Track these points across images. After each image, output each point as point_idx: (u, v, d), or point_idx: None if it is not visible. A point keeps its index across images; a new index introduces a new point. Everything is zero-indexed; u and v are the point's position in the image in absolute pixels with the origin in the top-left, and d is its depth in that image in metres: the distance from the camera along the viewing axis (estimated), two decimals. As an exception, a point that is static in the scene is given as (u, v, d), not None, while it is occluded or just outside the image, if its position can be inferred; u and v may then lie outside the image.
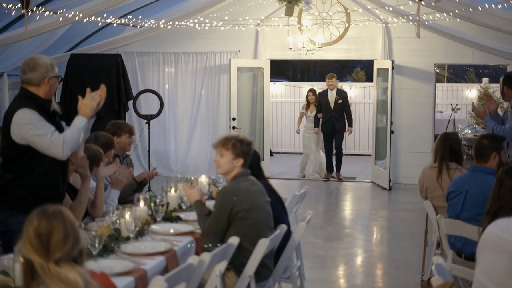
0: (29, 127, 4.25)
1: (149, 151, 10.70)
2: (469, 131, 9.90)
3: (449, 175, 5.45)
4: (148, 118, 10.46)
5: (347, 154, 16.30)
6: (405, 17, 10.35)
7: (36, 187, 4.36)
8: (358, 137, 16.49)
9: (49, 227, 2.40)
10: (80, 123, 4.37)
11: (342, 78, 22.56)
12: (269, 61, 12.51)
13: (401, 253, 7.50)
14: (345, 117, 12.21)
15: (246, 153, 4.50)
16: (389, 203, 10.57)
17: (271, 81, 17.86)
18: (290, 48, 11.26)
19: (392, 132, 11.36)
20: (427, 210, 5.64)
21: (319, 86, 16.22)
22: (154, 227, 4.54)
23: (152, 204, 4.78)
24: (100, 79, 10.95)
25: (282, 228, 4.61)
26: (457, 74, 21.73)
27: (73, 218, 2.50)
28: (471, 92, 17.16)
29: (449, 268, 4.75)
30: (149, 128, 10.53)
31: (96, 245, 3.75)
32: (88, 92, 4.44)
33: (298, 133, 13.11)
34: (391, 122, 11.34)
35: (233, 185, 4.46)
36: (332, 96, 12.04)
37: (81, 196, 4.71)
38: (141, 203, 4.74)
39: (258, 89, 12.71)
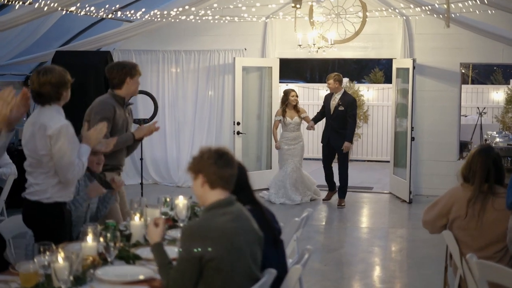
0: None
1: (141, 159, 9.64)
2: (501, 139, 8.73)
3: (493, 204, 4.33)
4: (141, 122, 9.42)
5: (363, 160, 15.35)
6: (428, 7, 9.18)
7: None
8: (376, 142, 15.49)
9: None
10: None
11: (360, 80, 21.46)
12: (278, 60, 11.44)
13: (422, 284, 6.39)
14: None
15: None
16: (409, 219, 9.43)
17: (284, 82, 17.07)
18: (299, 45, 10.14)
19: (413, 138, 10.23)
20: (447, 242, 4.51)
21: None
22: (99, 272, 3.48)
23: (108, 236, 3.72)
24: (88, 78, 10.14)
25: (270, 274, 3.47)
26: (483, 74, 20.47)
27: None
28: (497, 95, 15.97)
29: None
30: (141, 133, 9.43)
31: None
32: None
33: (277, 148, 10.35)
34: (412, 128, 10.21)
35: (203, 221, 3.34)
36: (334, 101, 10.05)
37: None
38: (89, 238, 3.68)
39: (266, 91, 11.62)
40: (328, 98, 10.20)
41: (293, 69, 28.54)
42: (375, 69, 17.70)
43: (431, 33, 10.62)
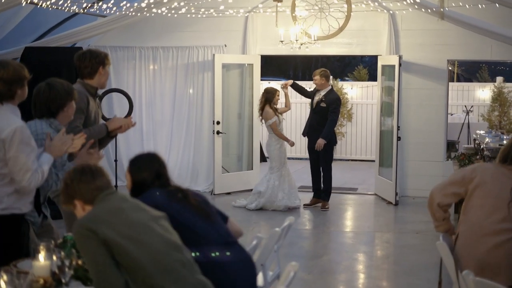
0: None
1: (116, 160, 9.18)
2: (491, 139, 8.37)
3: None
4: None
5: (347, 160, 15.00)
6: (415, 0, 8.81)
7: None
8: (360, 141, 15.16)
9: None
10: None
11: (343, 77, 21.10)
12: (259, 56, 11.03)
13: (412, 295, 6.02)
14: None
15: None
16: (396, 222, 9.06)
17: (266, 80, 16.66)
18: (281, 41, 9.73)
19: (399, 138, 9.86)
20: (442, 255, 4.13)
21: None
22: (49, 297, 3.04)
23: (62, 253, 3.30)
24: (60, 75, 9.65)
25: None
26: (469, 71, 20.17)
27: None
28: (483, 92, 15.66)
29: None
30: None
31: None
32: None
33: (292, 145, 9.74)
34: (398, 127, 9.84)
35: (89, 213, 3.20)
36: (318, 96, 9.56)
37: None
38: (41, 256, 3.25)
39: (247, 89, 11.20)
40: (314, 94, 9.79)
41: (276, 66, 28.13)
42: (359, 66, 17.31)
43: (418, 29, 10.27)
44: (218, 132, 10.48)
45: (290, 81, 9.91)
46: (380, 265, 7.06)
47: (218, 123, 10.48)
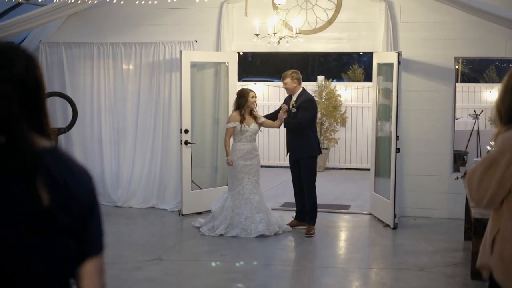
0: None
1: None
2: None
3: None
4: (55, 132, 7.42)
5: (340, 168, 13.57)
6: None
7: None
8: (356, 148, 13.73)
9: None
10: None
11: (339, 78, 19.59)
12: (236, 54, 9.52)
13: None
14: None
15: None
16: (394, 253, 7.53)
17: (252, 81, 15.17)
18: (257, 35, 8.19)
19: (398, 150, 8.35)
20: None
21: (314, 87, 13.50)
22: None
23: None
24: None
25: None
26: (476, 70, 18.62)
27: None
28: (491, 94, 14.15)
29: None
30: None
31: None
32: None
33: (230, 164, 8.01)
34: (397, 137, 8.32)
35: None
36: (291, 104, 8.20)
37: None
38: None
39: (221, 92, 9.68)
40: (287, 101, 8.29)
41: (272, 66, 26.48)
42: (354, 66, 15.76)
43: (420, 21, 8.79)
44: (186, 142, 8.97)
45: (285, 107, 8.27)
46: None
47: (186, 131, 8.98)
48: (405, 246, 7.60)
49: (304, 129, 8.01)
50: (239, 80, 16.14)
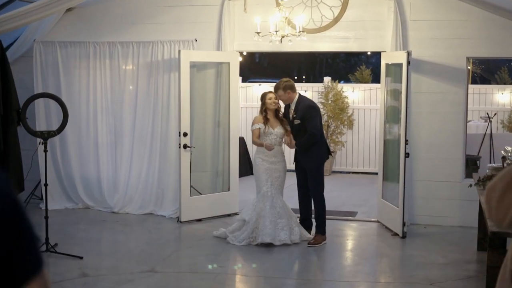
0: None
1: (46, 185, 7.21)
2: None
3: None
4: (45, 136, 7.01)
5: (347, 172, 13.20)
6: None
7: None
8: (363, 151, 13.36)
9: None
10: None
11: (346, 79, 19.16)
12: (237, 53, 9.11)
13: None
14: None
15: None
16: (403, 265, 7.08)
17: (256, 82, 14.78)
18: (257, 33, 7.77)
19: (407, 155, 7.92)
20: None
21: (320, 88, 13.20)
22: None
23: None
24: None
25: None
26: (488, 71, 18.12)
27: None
28: (503, 96, 13.71)
29: None
30: (45, 150, 7.03)
31: None
32: None
33: (270, 148, 7.58)
34: (406, 141, 7.89)
35: None
36: (291, 113, 7.74)
37: None
38: None
39: (222, 93, 9.27)
40: (286, 111, 7.86)
41: (279, 67, 26.02)
42: (361, 66, 15.30)
43: (430, 20, 8.36)
44: (185, 146, 8.57)
45: (287, 140, 7.84)
46: None
47: (185, 134, 8.57)
48: (414, 257, 7.16)
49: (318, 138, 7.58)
50: (246, 81, 15.80)
